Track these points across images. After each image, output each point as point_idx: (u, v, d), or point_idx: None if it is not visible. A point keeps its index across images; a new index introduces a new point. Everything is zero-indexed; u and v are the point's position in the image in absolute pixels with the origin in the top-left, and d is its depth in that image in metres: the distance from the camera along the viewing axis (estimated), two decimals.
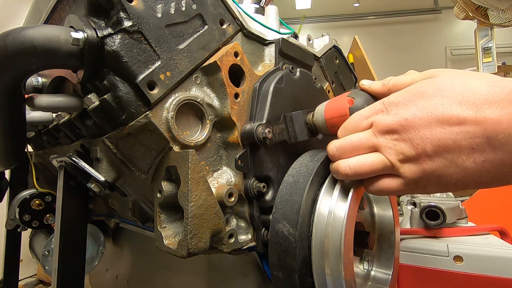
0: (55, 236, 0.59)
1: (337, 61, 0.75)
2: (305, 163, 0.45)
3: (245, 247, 0.47)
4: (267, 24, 0.60)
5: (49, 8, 0.51)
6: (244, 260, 0.57)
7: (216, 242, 0.43)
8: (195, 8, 0.44)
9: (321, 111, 0.48)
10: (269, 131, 0.46)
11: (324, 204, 0.42)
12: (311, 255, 0.40)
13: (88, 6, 0.39)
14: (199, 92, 0.44)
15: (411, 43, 5.61)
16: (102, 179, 0.46)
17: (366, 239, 0.53)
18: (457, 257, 0.69)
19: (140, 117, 0.39)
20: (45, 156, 0.72)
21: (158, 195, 0.41)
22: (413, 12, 5.63)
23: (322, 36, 0.73)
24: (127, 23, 0.37)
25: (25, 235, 0.93)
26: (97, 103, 0.40)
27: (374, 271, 0.55)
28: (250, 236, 0.47)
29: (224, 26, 0.48)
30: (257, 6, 0.63)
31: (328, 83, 0.71)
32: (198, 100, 0.43)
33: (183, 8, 0.43)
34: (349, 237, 0.39)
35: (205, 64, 0.45)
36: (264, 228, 0.47)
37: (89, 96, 0.40)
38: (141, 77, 0.38)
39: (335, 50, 0.74)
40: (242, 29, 0.51)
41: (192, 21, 0.44)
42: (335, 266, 0.38)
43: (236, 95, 0.47)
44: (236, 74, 0.48)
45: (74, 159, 0.48)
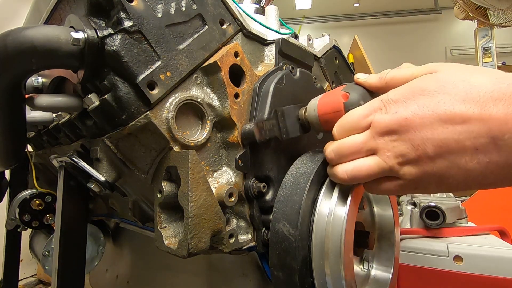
0: (55, 236, 0.59)
1: (337, 61, 0.75)
2: (305, 163, 0.45)
3: (245, 247, 0.47)
4: (267, 24, 0.60)
5: (49, 8, 0.51)
6: (244, 260, 0.57)
7: (216, 242, 0.43)
8: (195, 8, 0.44)
9: (314, 106, 0.45)
10: (256, 130, 0.44)
11: (324, 204, 0.42)
12: (311, 255, 0.40)
13: (88, 6, 0.39)
14: (199, 92, 0.44)
15: (411, 43, 5.60)
16: (102, 179, 0.46)
17: (366, 239, 0.53)
18: (457, 257, 0.69)
19: (140, 117, 0.39)
20: (45, 156, 0.72)
21: (158, 195, 0.41)
22: (413, 12, 5.63)
23: (322, 36, 0.73)
24: (127, 23, 0.37)
25: (25, 235, 0.93)
26: (97, 103, 0.40)
27: (374, 271, 0.55)
28: (250, 236, 0.47)
29: (224, 26, 0.48)
30: (257, 6, 0.63)
31: (328, 83, 0.71)
32: (198, 100, 0.43)
33: (183, 8, 0.43)
34: (349, 237, 0.39)
35: (205, 64, 0.45)
36: (264, 228, 0.47)
37: (89, 96, 0.40)
38: (141, 77, 0.38)
39: (335, 50, 0.74)
40: (242, 29, 0.51)
41: (192, 21, 0.44)
42: (335, 266, 0.38)
43: (236, 95, 0.47)
44: (236, 74, 0.48)
45: (74, 159, 0.48)
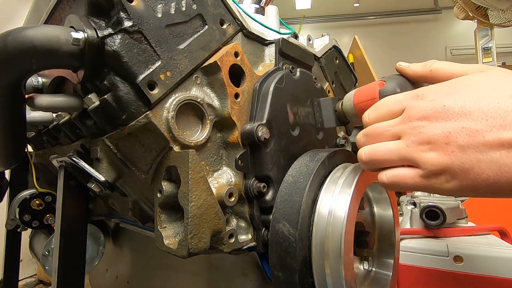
0: (55, 236, 0.59)
1: (337, 61, 0.75)
2: (305, 163, 0.45)
3: (245, 247, 0.47)
4: (267, 24, 0.60)
5: (49, 8, 0.51)
6: (244, 260, 0.57)
7: (216, 242, 0.43)
8: (195, 8, 0.44)
9: (350, 96, 0.45)
10: (266, 131, 0.45)
11: (324, 204, 0.42)
12: (311, 255, 0.40)
13: (88, 6, 0.39)
14: (199, 92, 0.44)
15: (411, 43, 5.60)
16: (102, 179, 0.46)
17: (366, 239, 0.53)
18: (457, 257, 0.69)
19: (140, 117, 0.39)
20: (45, 156, 0.72)
21: (158, 195, 0.41)
22: (413, 12, 5.63)
23: (322, 36, 0.73)
24: (127, 23, 0.37)
25: (25, 235, 0.93)
26: (97, 103, 0.40)
27: (374, 271, 0.55)
28: (250, 236, 0.47)
29: (224, 26, 0.48)
30: (257, 6, 0.63)
31: (328, 83, 0.71)
32: (198, 100, 0.43)
33: (183, 8, 0.43)
34: (349, 237, 0.39)
35: (205, 64, 0.45)
36: (264, 228, 0.47)
37: (89, 96, 0.40)
38: (141, 77, 0.38)
39: (335, 50, 0.74)
40: (242, 29, 0.51)
41: (192, 21, 0.44)
42: (335, 266, 0.38)
43: (236, 95, 0.47)
44: (236, 74, 0.48)
45: (74, 159, 0.48)
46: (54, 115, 0.57)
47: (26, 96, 0.44)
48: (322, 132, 0.59)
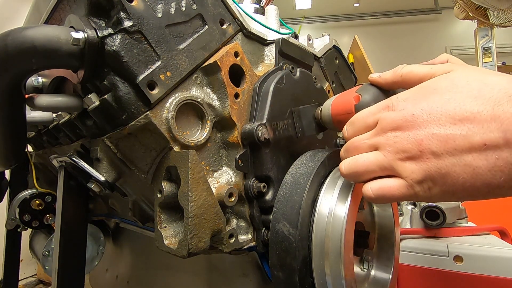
0: (55, 236, 0.59)
1: (337, 61, 0.75)
2: (305, 163, 0.45)
3: (245, 247, 0.47)
4: (267, 24, 0.60)
5: (49, 8, 0.51)
6: (244, 260, 0.57)
7: (216, 242, 0.43)
8: (195, 8, 0.44)
9: (328, 107, 0.46)
10: (266, 131, 0.45)
11: (324, 204, 0.42)
12: (311, 255, 0.40)
13: (88, 6, 0.39)
14: (199, 92, 0.44)
15: (411, 43, 5.60)
16: (102, 179, 0.46)
17: (366, 239, 0.53)
18: (457, 257, 0.69)
19: (141, 117, 0.39)
20: (45, 156, 0.72)
21: (158, 195, 0.41)
22: (413, 12, 5.63)
23: (322, 36, 0.73)
24: (127, 23, 0.37)
25: (25, 235, 0.93)
26: (97, 103, 0.40)
27: (374, 271, 0.55)
28: (250, 236, 0.47)
29: (224, 26, 0.48)
30: (257, 6, 0.63)
31: (328, 83, 0.71)
32: (198, 100, 0.43)
33: (183, 8, 0.43)
34: (349, 237, 0.39)
35: (205, 64, 0.45)
36: (264, 228, 0.47)
37: (89, 96, 0.40)
38: (141, 77, 0.38)
39: (335, 50, 0.74)
40: (242, 29, 0.51)
41: (192, 21, 0.44)
42: (335, 266, 0.38)
43: (236, 95, 0.47)
44: (236, 74, 0.48)
45: (74, 159, 0.48)
46: (54, 115, 0.57)
47: (26, 96, 0.44)
48: (322, 132, 0.59)
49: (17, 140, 0.52)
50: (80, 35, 0.37)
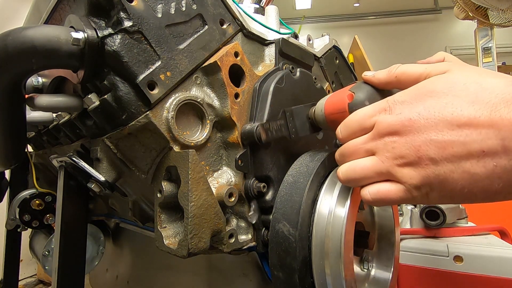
0: (55, 236, 0.59)
1: (337, 61, 0.75)
2: (305, 163, 0.45)
3: (245, 247, 0.47)
4: (267, 24, 0.60)
5: (49, 8, 0.51)
6: (244, 260, 0.57)
7: (216, 242, 0.43)
8: (195, 8, 0.44)
9: (321, 106, 0.45)
10: (262, 131, 0.44)
11: (324, 204, 0.42)
12: (311, 255, 0.40)
13: (88, 6, 0.39)
14: (199, 92, 0.44)
15: (411, 43, 5.60)
16: (102, 179, 0.46)
17: (366, 239, 0.53)
18: (457, 257, 0.69)
19: (141, 117, 0.39)
20: (45, 156, 0.72)
21: (158, 195, 0.41)
22: (413, 12, 5.63)
23: (322, 36, 0.73)
24: (127, 23, 0.37)
25: (25, 235, 0.93)
26: (97, 103, 0.40)
27: (374, 271, 0.55)
28: (250, 236, 0.47)
29: (224, 26, 0.48)
30: (257, 6, 0.63)
31: (328, 83, 0.71)
32: (198, 100, 0.43)
33: (183, 8, 0.43)
34: (349, 237, 0.39)
35: (205, 64, 0.45)
36: (264, 228, 0.47)
37: (89, 96, 0.40)
38: (141, 77, 0.38)
39: (335, 50, 0.74)
40: (242, 29, 0.51)
41: (192, 21, 0.44)
42: (335, 266, 0.38)
43: (236, 95, 0.47)
44: (236, 74, 0.48)
45: (74, 159, 0.48)
46: (54, 115, 0.57)
47: (26, 96, 0.44)
48: (322, 132, 0.59)
49: (17, 140, 0.52)
50: (80, 35, 0.37)
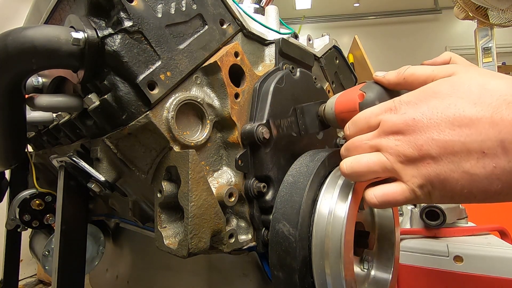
0: (55, 236, 0.59)
1: (337, 61, 0.75)
2: (305, 163, 0.45)
3: (245, 247, 0.47)
4: (267, 24, 0.60)
5: (49, 8, 0.51)
6: (244, 260, 0.57)
7: (216, 242, 0.43)
8: (195, 8, 0.44)
9: (331, 105, 0.46)
10: (266, 131, 0.45)
11: (324, 204, 0.42)
12: (311, 255, 0.40)
13: (88, 6, 0.39)
14: (199, 92, 0.44)
15: (411, 43, 5.60)
16: (102, 179, 0.46)
17: (366, 239, 0.53)
18: (457, 257, 0.69)
19: (141, 117, 0.39)
20: (45, 156, 0.72)
21: (159, 195, 0.41)
22: (413, 12, 5.62)
23: (322, 36, 0.73)
24: (127, 23, 0.37)
25: (25, 235, 0.93)
26: (97, 103, 0.40)
27: (374, 271, 0.55)
28: (250, 236, 0.47)
29: (224, 26, 0.48)
30: (257, 6, 0.63)
31: (328, 83, 0.71)
32: (198, 100, 0.43)
33: (184, 8, 0.43)
34: (349, 237, 0.39)
35: (206, 64, 0.45)
36: (264, 228, 0.47)
37: (89, 96, 0.40)
38: (141, 77, 0.38)
39: (335, 50, 0.74)
40: (242, 29, 0.51)
41: (193, 21, 0.44)
42: (335, 266, 0.38)
43: (236, 95, 0.47)
44: (236, 74, 0.48)
45: (74, 159, 0.48)
46: (54, 115, 0.57)
47: (26, 96, 0.44)
48: (322, 132, 0.59)
49: (17, 140, 0.52)
50: (80, 35, 0.37)
